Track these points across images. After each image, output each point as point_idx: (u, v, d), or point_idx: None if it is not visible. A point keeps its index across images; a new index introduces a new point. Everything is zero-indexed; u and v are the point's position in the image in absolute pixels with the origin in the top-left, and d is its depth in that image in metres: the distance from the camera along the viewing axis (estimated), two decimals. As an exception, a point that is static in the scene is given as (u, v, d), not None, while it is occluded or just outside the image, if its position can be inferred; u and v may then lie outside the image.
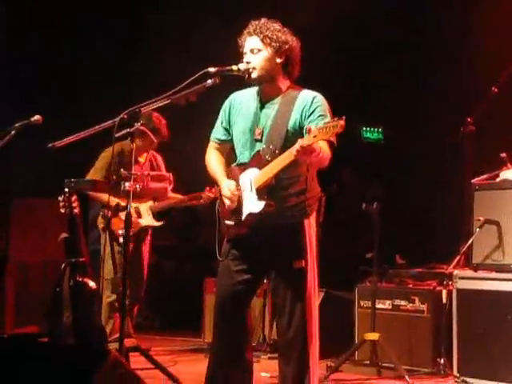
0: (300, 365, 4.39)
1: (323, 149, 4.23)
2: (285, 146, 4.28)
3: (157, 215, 6.61)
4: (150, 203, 6.49)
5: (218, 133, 4.66)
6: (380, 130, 9.43)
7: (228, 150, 4.67)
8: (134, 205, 6.22)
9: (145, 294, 6.88)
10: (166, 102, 4.40)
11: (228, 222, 4.47)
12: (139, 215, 6.52)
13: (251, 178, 4.36)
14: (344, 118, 3.93)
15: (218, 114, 4.67)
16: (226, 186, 4.44)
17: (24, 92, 8.71)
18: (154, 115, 6.37)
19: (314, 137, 4.01)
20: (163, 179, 5.52)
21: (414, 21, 8.42)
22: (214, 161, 4.63)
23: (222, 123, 4.63)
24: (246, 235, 4.41)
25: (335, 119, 3.96)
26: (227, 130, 4.62)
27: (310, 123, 4.30)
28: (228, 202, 4.42)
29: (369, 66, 8.70)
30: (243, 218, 4.38)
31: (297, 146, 4.06)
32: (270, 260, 4.43)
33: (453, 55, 8.22)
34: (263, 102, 4.50)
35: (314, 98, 4.41)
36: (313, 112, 4.37)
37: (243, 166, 4.46)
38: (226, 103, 4.64)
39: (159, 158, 6.82)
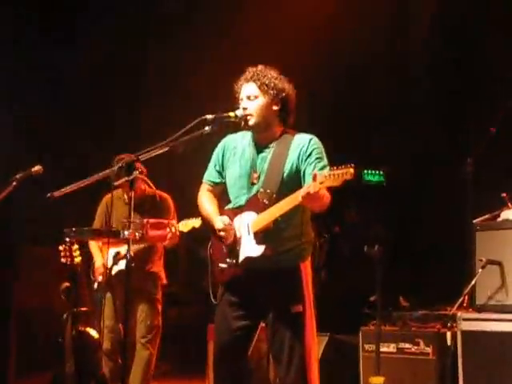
0: None
1: (325, 195, 4.24)
2: (281, 190, 4.30)
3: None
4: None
5: (210, 175, 4.68)
6: (381, 172, 9.41)
7: (220, 192, 4.67)
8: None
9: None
10: (164, 150, 4.42)
11: (222, 265, 4.46)
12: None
13: (248, 222, 4.36)
14: (353, 165, 3.93)
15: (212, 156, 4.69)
16: (220, 220, 4.43)
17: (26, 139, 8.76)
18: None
19: (321, 183, 4.00)
20: (162, 227, 5.52)
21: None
22: (206, 201, 4.64)
23: (215, 166, 4.65)
24: (241, 279, 4.39)
25: (343, 166, 3.95)
26: (220, 173, 4.64)
27: (307, 166, 4.32)
28: (224, 234, 4.40)
29: (368, 107, 8.74)
30: (240, 260, 4.37)
31: (302, 193, 4.06)
32: (266, 305, 4.42)
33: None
34: (258, 147, 4.53)
35: (310, 141, 4.43)
36: (310, 155, 4.38)
37: (238, 210, 4.46)
38: (220, 146, 4.66)
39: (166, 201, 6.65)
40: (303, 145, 4.42)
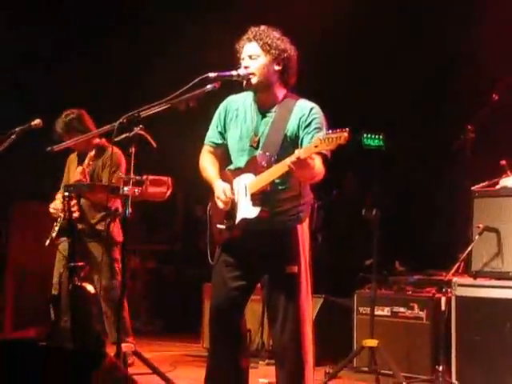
0: (294, 369, 4.39)
1: (317, 166, 4.23)
2: (281, 154, 4.29)
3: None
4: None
5: (212, 137, 4.66)
6: (381, 136, 9.40)
7: (221, 154, 4.66)
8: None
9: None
10: (165, 107, 4.40)
11: (220, 226, 4.47)
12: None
13: (246, 184, 4.37)
14: (348, 129, 3.92)
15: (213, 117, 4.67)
16: (221, 188, 4.43)
17: (25, 93, 8.73)
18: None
19: (316, 147, 4.01)
20: (162, 184, 5.51)
21: (414, 23, 8.44)
22: (207, 163, 4.63)
23: (216, 127, 4.63)
24: (238, 240, 4.41)
25: (338, 130, 3.96)
26: (222, 135, 4.62)
27: (305, 135, 4.32)
28: (221, 204, 4.41)
29: (370, 72, 8.70)
30: (236, 222, 4.38)
31: (292, 158, 4.06)
32: (262, 265, 4.44)
33: (453, 60, 8.22)
34: (260, 110, 4.50)
35: (311, 110, 4.41)
36: (309, 124, 4.37)
37: (238, 171, 4.46)
38: (222, 107, 4.63)
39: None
40: (304, 112, 4.40)
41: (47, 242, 6.10)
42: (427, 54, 8.42)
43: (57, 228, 6.11)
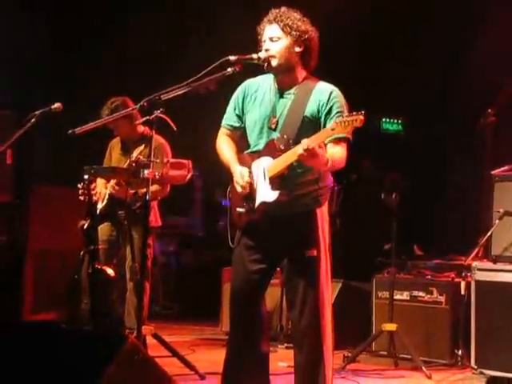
0: (313, 353, 4.37)
1: (336, 155, 4.22)
2: (299, 136, 4.24)
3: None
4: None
5: (230, 119, 4.63)
6: (400, 121, 9.38)
7: (239, 137, 4.64)
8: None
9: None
10: (186, 90, 4.39)
11: (239, 210, 4.46)
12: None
13: (264, 167, 4.35)
14: (363, 112, 3.90)
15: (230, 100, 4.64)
16: (239, 173, 4.42)
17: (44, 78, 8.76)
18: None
19: (333, 129, 4.00)
20: (182, 167, 5.51)
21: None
22: (225, 147, 4.60)
23: (234, 109, 4.59)
24: (257, 223, 4.40)
25: (354, 113, 3.95)
26: (240, 117, 4.59)
27: (329, 120, 4.29)
28: (240, 188, 4.40)
29: (389, 56, 8.66)
30: (256, 205, 4.37)
31: (300, 150, 4.04)
32: (282, 249, 4.42)
33: (473, 45, 8.17)
34: (280, 91, 4.47)
35: (331, 93, 4.37)
36: (331, 108, 4.33)
37: (256, 154, 4.44)
38: (240, 90, 4.60)
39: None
40: (324, 96, 4.37)
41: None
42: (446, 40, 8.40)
43: (97, 212, 6.10)
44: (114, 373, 3.32)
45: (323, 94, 4.38)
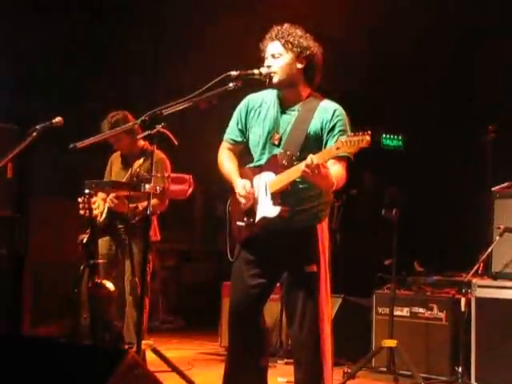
0: (313, 368, 4.36)
1: (338, 172, 4.23)
2: (302, 153, 4.26)
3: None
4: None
5: (232, 134, 4.63)
6: (400, 137, 9.39)
7: (240, 151, 4.64)
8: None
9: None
10: (187, 105, 4.39)
11: (239, 223, 4.46)
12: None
13: (266, 182, 4.35)
14: (369, 132, 3.90)
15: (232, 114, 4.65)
16: (242, 185, 4.42)
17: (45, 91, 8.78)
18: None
19: (338, 149, 3.99)
20: (183, 181, 5.51)
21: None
22: (227, 160, 4.60)
23: (237, 124, 4.60)
24: (257, 237, 4.40)
25: (360, 133, 3.94)
26: (242, 132, 4.59)
27: (330, 138, 4.30)
28: (243, 200, 4.39)
29: (389, 72, 8.67)
30: (256, 220, 4.37)
31: (302, 166, 4.03)
32: (282, 264, 4.42)
33: (471, 60, 8.19)
34: (283, 108, 4.48)
35: (335, 112, 4.38)
36: (334, 126, 4.34)
37: (258, 169, 4.45)
38: (242, 105, 4.60)
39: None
40: (328, 114, 4.37)
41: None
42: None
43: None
44: (113, 388, 3.31)
45: (327, 111, 4.38)
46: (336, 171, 4.22)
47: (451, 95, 8.45)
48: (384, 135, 9.35)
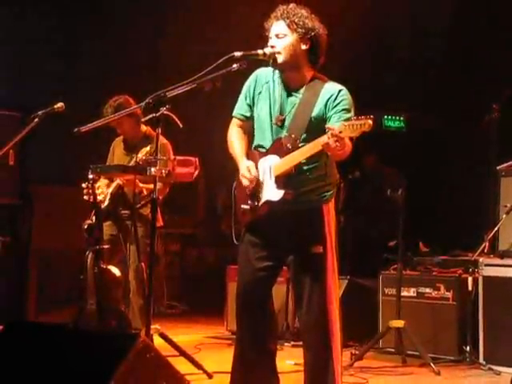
0: (321, 349, 4.33)
1: (346, 143, 4.20)
2: (306, 136, 4.24)
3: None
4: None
5: (241, 109, 4.57)
6: (402, 118, 9.37)
7: (250, 128, 4.58)
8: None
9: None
10: (191, 87, 4.35)
11: (244, 207, 4.43)
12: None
13: (271, 166, 4.32)
14: (372, 117, 3.87)
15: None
16: (246, 167, 4.38)
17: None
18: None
19: (340, 132, 3.95)
20: (189, 164, 5.48)
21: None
22: (235, 139, 4.54)
23: (245, 99, 4.54)
24: (263, 220, 4.37)
25: (363, 117, 3.91)
26: (250, 107, 4.53)
27: (333, 114, 4.26)
28: (246, 182, 4.36)
29: (392, 54, 8.66)
30: (260, 203, 4.35)
31: (324, 139, 3.98)
32: (288, 246, 4.38)
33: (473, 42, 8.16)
34: (287, 89, 4.44)
35: (339, 91, 4.34)
36: (337, 105, 4.30)
37: (263, 152, 4.41)
38: (251, 79, 4.54)
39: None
40: (332, 94, 4.33)
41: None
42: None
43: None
44: (126, 371, 3.30)
45: (332, 91, 4.33)
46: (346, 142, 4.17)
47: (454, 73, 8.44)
48: (386, 116, 9.34)
